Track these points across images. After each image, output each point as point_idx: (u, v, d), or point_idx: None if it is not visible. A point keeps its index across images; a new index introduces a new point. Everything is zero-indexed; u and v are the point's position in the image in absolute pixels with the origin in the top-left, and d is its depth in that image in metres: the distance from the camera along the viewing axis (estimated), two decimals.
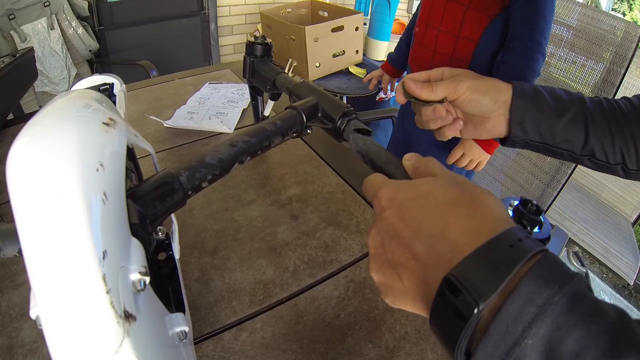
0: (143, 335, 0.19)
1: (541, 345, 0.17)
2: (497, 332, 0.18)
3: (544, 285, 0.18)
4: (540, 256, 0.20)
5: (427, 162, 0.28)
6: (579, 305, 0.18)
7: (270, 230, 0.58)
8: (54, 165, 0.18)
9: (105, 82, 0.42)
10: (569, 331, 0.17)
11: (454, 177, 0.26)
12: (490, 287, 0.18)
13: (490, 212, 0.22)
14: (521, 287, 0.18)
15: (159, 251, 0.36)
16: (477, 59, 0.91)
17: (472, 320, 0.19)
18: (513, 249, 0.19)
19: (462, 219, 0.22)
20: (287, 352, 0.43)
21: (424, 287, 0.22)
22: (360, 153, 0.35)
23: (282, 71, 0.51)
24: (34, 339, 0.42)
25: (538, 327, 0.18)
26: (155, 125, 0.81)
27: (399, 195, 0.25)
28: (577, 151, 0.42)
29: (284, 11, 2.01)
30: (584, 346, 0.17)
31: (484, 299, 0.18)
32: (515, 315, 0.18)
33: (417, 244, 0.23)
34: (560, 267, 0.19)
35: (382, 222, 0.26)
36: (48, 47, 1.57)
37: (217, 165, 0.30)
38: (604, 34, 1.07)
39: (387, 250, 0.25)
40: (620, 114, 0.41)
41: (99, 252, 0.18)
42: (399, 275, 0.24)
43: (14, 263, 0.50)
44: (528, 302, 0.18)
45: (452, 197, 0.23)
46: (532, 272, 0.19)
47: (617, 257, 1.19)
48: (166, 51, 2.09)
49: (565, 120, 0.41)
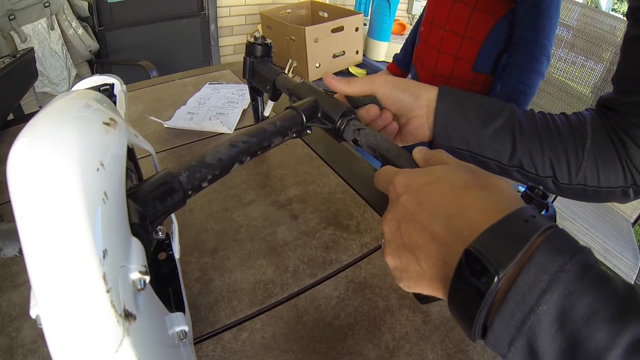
0: (143, 334, 0.19)
1: (554, 310, 0.18)
2: (513, 300, 0.19)
3: (556, 255, 0.19)
4: (552, 231, 0.21)
5: (437, 153, 0.29)
6: (589, 273, 0.19)
7: (270, 231, 0.58)
8: (55, 165, 0.18)
9: (106, 82, 0.42)
10: (580, 296, 0.18)
11: (466, 164, 0.27)
12: (508, 256, 0.19)
13: (503, 193, 0.24)
14: (535, 257, 0.19)
15: (159, 251, 0.36)
16: (481, 59, 0.92)
17: (492, 289, 0.20)
18: (527, 224, 0.21)
19: (477, 200, 0.23)
20: (287, 352, 0.43)
21: (443, 266, 0.23)
22: (372, 148, 0.36)
23: (282, 72, 0.51)
24: (34, 339, 0.42)
25: (552, 293, 0.19)
26: (155, 125, 0.81)
27: (414, 181, 0.26)
28: (504, 161, 0.41)
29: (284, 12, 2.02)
30: (595, 309, 0.18)
31: (504, 267, 0.19)
32: (531, 283, 0.19)
33: (434, 224, 0.24)
34: (570, 240, 0.20)
35: (398, 207, 0.27)
36: (48, 48, 1.57)
37: (217, 165, 0.30)
38: (604, 34, 1.08)
39: (403, 233, 0.26)
40: (554, 127, 0.40)
41: (99, 252, 0.18)
42: (415, 258, 0.25)
43: (14, 263, 0.51)
44: (542, 271, 0.19)
45: (467, 180, 0.25)
46: (545, 244, 0.20)
47: (617, 257, 1.19)
48: (166, 51, 2.09)
49: (491, 129, 0.40)
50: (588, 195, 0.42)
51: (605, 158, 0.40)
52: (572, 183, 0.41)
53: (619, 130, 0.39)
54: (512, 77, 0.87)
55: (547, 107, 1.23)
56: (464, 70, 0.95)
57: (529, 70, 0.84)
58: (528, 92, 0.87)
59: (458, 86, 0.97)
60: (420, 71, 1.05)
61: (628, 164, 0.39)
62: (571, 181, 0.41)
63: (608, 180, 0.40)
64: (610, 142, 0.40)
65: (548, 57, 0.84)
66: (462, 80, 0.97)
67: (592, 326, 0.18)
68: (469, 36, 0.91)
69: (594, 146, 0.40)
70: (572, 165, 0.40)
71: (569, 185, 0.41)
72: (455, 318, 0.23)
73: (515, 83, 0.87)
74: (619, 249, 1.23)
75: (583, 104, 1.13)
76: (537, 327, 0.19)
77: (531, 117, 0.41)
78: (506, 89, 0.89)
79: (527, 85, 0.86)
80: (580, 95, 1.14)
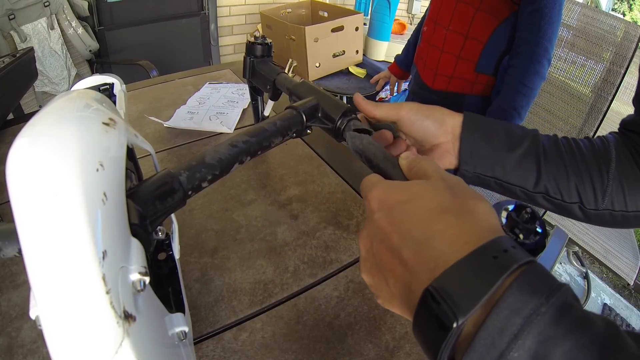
0: (143, 335, 0.19)
1: (527, 358, 0.17)
2: (481, 344, 0.18)
3: (531, 295, 0.18)
4: (527, 267, 0.19)
5: (422, 163, 0.28)
6: (566, 316, 0.17)
7: (270, 230, 0.58)
8: (54, 165, 0.18)
9: (105, 82, 0.42)
10: (556, 343, 0.17)
11: (448, 179, 0.25)
12: (470, 301, 0.18)
13: (478, 221, 0.22)
14: (507, 297, 0.18)
15: (159, 251, 0.36)
16: (484, 60, 0.92)
17: (452, 333, 0.18)
18: (497, 260, 0.19)
19: (449, 228, 0.22)
20: (287, 352, 0.43)
21: (409, 293, 0.22)
22: (357, 152, 0.35)
23: (282, 71, 0.51)
24: (34, 339, 0.42)
25: (524, 339, 0.17)
26: (155, 125, 0.81)
27: (389, 198, 0.25)
28: (529, 187, 0.40)
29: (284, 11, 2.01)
30: (572, 358, 0.16)
31: (464, 314, 0.18)
32: (501, 326, 0.17)
33: (404, 249, 0.23)
34: (547, 277, 0.19)
35: (372, 225, 0.26)
36: (48, 47, 1.57)
37: (217, 165, 0.30)
38: (604, 34, 1.07)
39: (375, 253, 0.25)
40: (578, 152, 0.40)
41: (99, 252, 0.18)
42: (386, 280, 0.24)
43: (14, 263, 0.50)
44: (514, 313, 0.17)
45: (442, 202, 0.23)
46: (518, 282, 0.18)
47: (617, 257, 1.19)
48: (166, 51, 2.09)
49: (516, 155, 0.39)
50: (617, 221, 0.41)
51: (631, 181, 0.39)
52: (599, 208, 0.40)
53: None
54: (513, 79, 0.88)
55: (547, 107, 1.23)
56: (466, 70, 0.95)
57: (531, 72, 0.85)
58: (529, 94, 0.87)
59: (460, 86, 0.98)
60: (422, 70, 1.05)
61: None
62: (598, 206, 0.40)
63: (636, 204, 0.39)
64: (636, 165, 0.39)
65: (549, 59, 0.85)
66: (464, 80, 0.97)
67: None
68: (472, 36, 0.91)
69: (619, 169, 0.39)
70: (597, 189, 0.39)
71: (596, 211, 0.40)
72: (421, 347, 0.22)
73: (517, 84, 0.87)
74: (619, 249, 1.23)
75: (583, 103, 1.13)
76: None
77: (554, 142, 0.41)
78: (507, 91, 0.89)
79: (528, 87, 0.86)
80: (581, 95, 1.14)
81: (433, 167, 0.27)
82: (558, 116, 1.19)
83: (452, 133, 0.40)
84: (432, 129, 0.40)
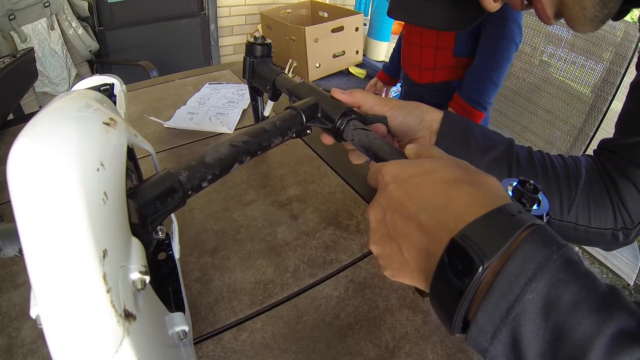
0: (143, 334, 0.19)
1: (540, 300, 0.19)
2: (499, 289, 0.19)
3: (543, 246, 0.20)
4: (538, 226, 0.21)
5: (429, 149, 0.29)
6: (574, 265, 0.19)
7: (270, 230, 0.58)
8: (55, 164, 0.18)
9: (106, 82, 0.42)
10: (566, 285, 0.19)
11: (456, 160, 0.27)
12: (495, 246, 0.20)
13: (491, 190, 0.24)
14: (523, 246, 0.20)
15: (159, 251, 0.36)
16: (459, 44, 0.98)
17: (475, 280, 0.20)
18: (514, 218, 0.21)
19: (465, 194, 0.23)
20: (287, 352, 0.43)
21: (426, 257, 0.24)
22: (364, 147, 0.36)
23: (282, 72, 0.51)
24: (34, 339, 0.42)
25: (538, 282, 0.19)
26: (155, 125, 0.81)
27: (403, 171, 0.27)
28: None
29: (284, 12, 2.02)
30: (580, 299, 0.18)
31: (489, 257, 0.19)
32: (517, 271, 0.19)
33: (421, 214, 0.24)
34: (555, 235, 0.21)
35: (385, 195, 0.27)
36: (48, 48, 1.57)
37: (217, 165, 0.30)
38: (604, 34, 1.08)
39: (388, 222, 0.26)
40: (550, 164, 0.42)
41: (99, 252, 0.18)
42: (399, 248, 0.25)
43: (14, 263, 0.51)
44: (529, 259, 0.19)
45: (456, 175, 0.25)
46: (531, 235, 0.20)
47: (617, 257, 1.19)
48: (166, 51, 2.09)
49: (489, 157, 0.40)
50: (579, 235, 0.43)
51: (597, 199, 0.41)
52: (564, 219, 0.42)
53: (614, 172, 0.41)
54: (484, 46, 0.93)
55: (547, 107, 1.23)
56: (446, 58, 1.01)
57: (501, 36, 0.89)
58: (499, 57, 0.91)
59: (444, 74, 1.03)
60: (409, 70, 1.10)
61: (619, 207, 0.41)
62: (563, 217, 0.41)
63: (599, 220, 0.41)
64: (603, 184, 0.41)
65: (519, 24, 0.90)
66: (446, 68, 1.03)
67: (577, 315, 0.18)
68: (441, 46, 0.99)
69: (587, 186, 0.41)
70: (564, 201, 0.41)
71: (560, 222, 0.42)
72: (436, 310, 0.23)
73: (489, 51, 0.91)
74: (619, 250, 1.23)
75: (583, 104, 1.13)
76: (522, 317, 0.19)
77: (529, 152, 0.42)
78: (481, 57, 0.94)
79: (499, 52, 0.90)
80: (580, 95, 1.14)
81: (440, 152, 0.29)
82: (558, 116, 1.19)
83: (429, 128, 0.42)
84: (412, 124, 0.41)
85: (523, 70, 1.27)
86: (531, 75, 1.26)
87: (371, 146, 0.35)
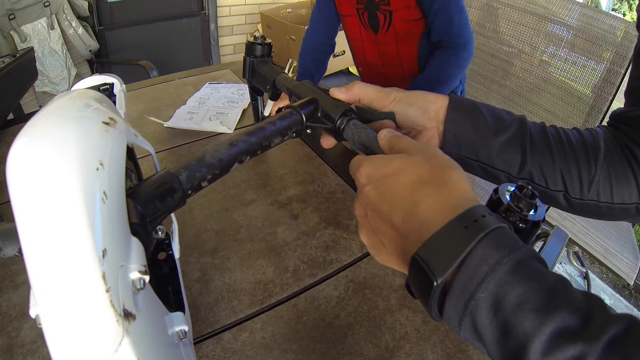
0: (142, 334, 0.19)
1: (490, 298, 0.21)
2: (458, 286, 0.22)
3: (496, 249, 0.22)
4: (495, 230, 0.23)
5: (400, 141, 0.31)
6: (522, 268, 0.22)
7: (270, 230, 0.58)
8: (54, 164, 0.18)
9: (105, 82, 0.42)
10: (512, 287, 0.21)
11: (423, 151, 0.29)
12: (445, 267, 0.22)
13: (454, 189, 0.26)
14: (477, 250, 0.22)
15: (159, 250, 0.36)
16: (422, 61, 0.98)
17: (434, 289, 0.23)
18: (467, 230, 0.23)
19: (428, 196, 0.26)
20: (287, 352, 0.43)
21: (403, 253, 0.26)
22: (364, 146, 0.36)
23: (282, 71, 0.51)
24: (34, 339, 0.42)
25: (488, 283, 0.21)
26: (155, 125, 0.81)
27: (375, 172, 0.29)
28: (513, 173, 0.40)
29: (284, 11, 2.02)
30: (524, 300, 0.21)
31: (440, 276, 0.22)
32: (471, 273, 0.22)
33: (393, 216, 0.26)
34: (512, 239, 0.23)
35: (363, 196, 0.29)
36: (48, 47, 1.57)
37: (217, 165, 0.30)
38: (604, 34, 1.07)
39: (370, 220, 0.29)
40: (566, 140, 0.39)
41: (99, 251, 0.18)
42: (382, 242, 0.28)
43: (14, 263, 0.51)
44: (482, 262, 0.22)
45: (420, 174, 0.27)
46: (487, 239, 0.22)
47: (617, 257, 1.19)
48: (166, 51, 2.09)
49: (502, 139, 0.39)
50: (601, 212, 0.40)
51: (619, 173, 0.38)
52: (585, 198, 0.39)
53: (632, 144, 0.38)
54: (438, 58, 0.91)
55: (547, 107, 1.23)
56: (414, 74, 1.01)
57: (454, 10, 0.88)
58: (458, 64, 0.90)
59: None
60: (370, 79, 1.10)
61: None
62: (583, 196, 0.39)
63: (622, 196, 0.39)
64: (624, 157, 0.39)
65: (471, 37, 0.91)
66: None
67: (520, 314, 0.20)
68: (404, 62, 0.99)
69: (608, 160, 0.39)
70: (584, 179, 0.39)
71: (581, 201, 0.40)
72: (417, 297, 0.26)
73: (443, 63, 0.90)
74: (619, 249, 1.23)
75: (583, 104, 1.13)
76: (477, 311, 0.22)
77: (542, 128, 0.40)
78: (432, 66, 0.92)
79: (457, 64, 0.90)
80: (581, 95, 1.14)
81: (411, 143, 0.30)
82: (558, 116, 1.19)
83: (435, 118, 0.40)
84: (415, 117, 0.40)
85: (523, 70, 1.27)
86: (531, 75, 1.25)
87: (370, 145, 0.35)
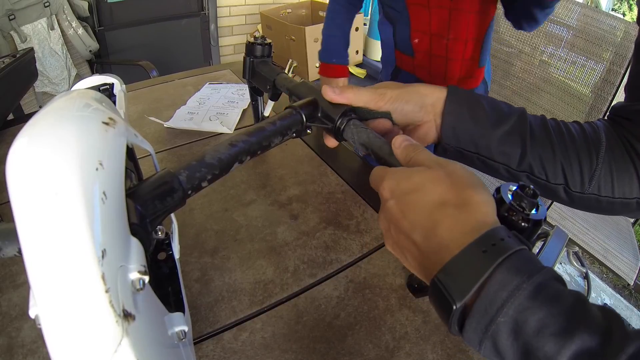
0: (142, 334, 0.19)
1: (510, 322, 0.22)
2: (478, 310, 0.23)
3: (516, 274, 0.22)
4: (516, 252, 0.23)
5: (417, 154, 0.31)
6: (542, 292, 0.22)
7: (270, 230, 0.58)
8: (54, 164, 0.18)
9: (105, 82, 0.42)
10: (532, 312, 0.21)
11: (444, 167, 0.28)
12: (463, 292, 0.23)
13: (474, 211, 0.26)
14: (497, 275, 0.22)
15: (158, 251, 0.36)
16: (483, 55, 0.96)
17: (453, 313, 0.23)
18: (486, 254, 0.23)
19: (448, 218, 0.26)
20: (287, 352, 0.43)
21: (424, 270, 0.27)
22: (364, 146, 0.36)
23: (282, 72, 0.51)
24: (34, 339, 0.42)
25: (508, 308, 0.22)
26: (155, 125, 0.81)
27: (397, 187, 0.29)
28: (513, 166, 0.39)
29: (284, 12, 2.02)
30: (544, 324, 0.21)
31: (459, 301, 0.23)
32: (491, 298, 0.22)
33: (414, 234, 0.27)
34: (532, 261, 0.23)
35: (386, 210, 0.30)
36: (48, 48, 1.57)
37: (217, 165, 0.30)
38: (604, 34, 1.08)
39: (393, 234, 0.30)
40: (567, 133, 0.39)
41: (98, 251, 0.18)
42: (404, 256, 0.29)
43: (14, 263, 0.51)
44: (501, 288, 0.22)
45: (442, 193, 0.27)
46: (506, 263, 0.23)
47: (617, 257, 1.19)
48: (166, 51, 2.09)
49: (501, 131, 0.38)
50: (602, 207, 0.40)
51: (620, 167, 0.38)
52: (585, 192, 0.39)
53: (632, 139, 0.38)
54: None
55: (547, 107, 1.23)
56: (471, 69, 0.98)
57: None
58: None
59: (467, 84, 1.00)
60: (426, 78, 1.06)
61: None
62: (584, 190, 0.39)
63: (623, 190, 0.38)
64: (626, 151, 0.38)
65: None
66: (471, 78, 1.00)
67: (541, 339, 0.21)
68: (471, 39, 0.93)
69: (609, 154, 0.38)
70: (585, 172, 0.38)
71: (582, 194, 0.39)
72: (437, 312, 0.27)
73: None
74: (619, 249, 1.23)
75: (583, 104, 1.13)
76: (498, 334, 0.22)
77: (542, 121, 0.40)
78: None
79: None
80: (581, 95, 1.14)
81: (428, 156, 0.30)
82: (558, 116, 1.19)
83: (432, 111, 0.40)
84: (412, 114, 0.40)
85: (523, 70, 1.27)
86: (531, 75, 1.25)
87: (371, 145, 0.35)
